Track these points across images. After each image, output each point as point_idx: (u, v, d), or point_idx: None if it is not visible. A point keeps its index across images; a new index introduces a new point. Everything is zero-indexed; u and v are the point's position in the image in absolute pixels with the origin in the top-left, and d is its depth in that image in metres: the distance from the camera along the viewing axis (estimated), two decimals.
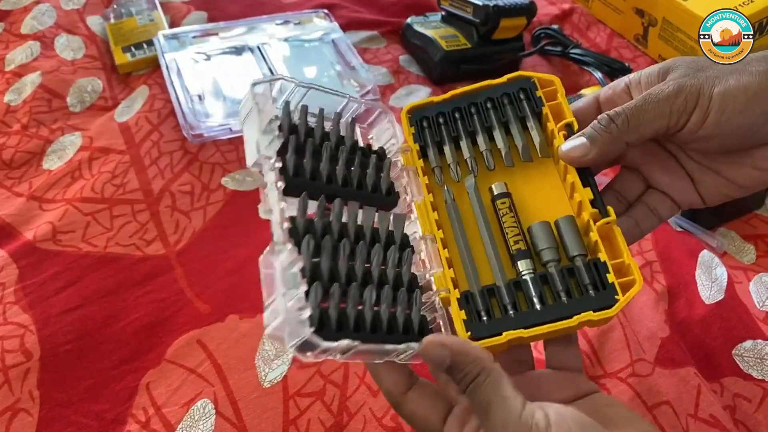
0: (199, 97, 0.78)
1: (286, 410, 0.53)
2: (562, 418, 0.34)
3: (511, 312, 0.40)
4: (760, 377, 0.55)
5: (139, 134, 0.76)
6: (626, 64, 0.84)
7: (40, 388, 0.55)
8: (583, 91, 0.79)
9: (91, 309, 0.60)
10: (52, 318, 0.59)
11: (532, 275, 0.41)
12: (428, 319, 0.40)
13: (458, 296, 0.41)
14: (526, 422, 0.33)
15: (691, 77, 0.40)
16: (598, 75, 0.82)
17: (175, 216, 0.68)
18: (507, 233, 0.43)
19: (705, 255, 0.64)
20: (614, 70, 0.83)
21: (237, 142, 0.75)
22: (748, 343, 0.57)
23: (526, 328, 0.39)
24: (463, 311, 0.40)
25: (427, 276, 0.42)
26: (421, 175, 0.45)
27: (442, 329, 0.41)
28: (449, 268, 0.42)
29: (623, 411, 0.38)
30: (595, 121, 0.42)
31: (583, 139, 0.42)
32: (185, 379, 0.55)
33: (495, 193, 0.45)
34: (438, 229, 0.43)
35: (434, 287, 0.42)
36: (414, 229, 0.44)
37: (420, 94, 0.84)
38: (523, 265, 0.42)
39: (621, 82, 0.45)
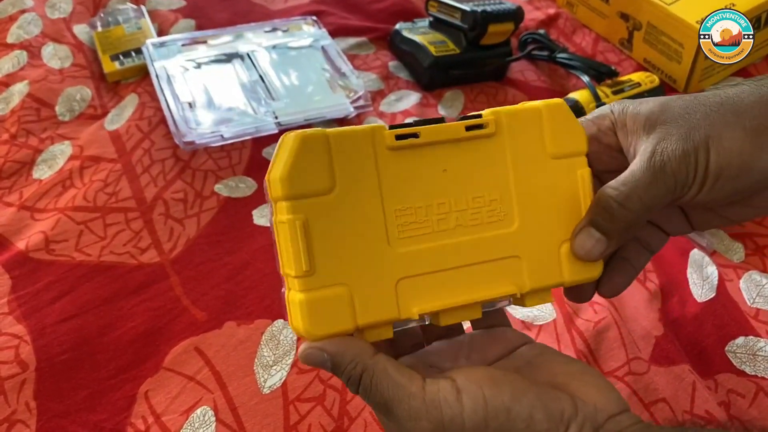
0: (190, 104, 0.77)
1: (286, 416, 0.53)
2: (471, 381, 0.32)
3: None
4: (752, 373, 0.56)
5: (130, 142, 0.75)
6: (613, 68, 0.85)
7: (37, 398, 0.55)
8: (570, 95, 0.80)
9: (87, 318, 0.60)
10: (47, 328, 0.59)
11: None
12: None
13: None
14: (433, 401, 0.31)
15: (685, 140, 0.37)
16: (585, 78, 0.83)
17: (169, 223, 0.68)
18: None
19: (695, 254, 0.65)
20: (601, 73, 0.84)
21: (229, 149, 0.75)
22: (740, 340, 0.58)
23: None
24: None
25: None
26: None
27: None
28: None
29: (559, 356, 0.38)
30: (604, 210, 0.38)
31: (597, 235, 0.38)
32: (184, 387, 0.55)
33: None
34: None
35: None
36: None
37: (410, 99, 0.85)
38: None
39: (605, 118, 0.41)
